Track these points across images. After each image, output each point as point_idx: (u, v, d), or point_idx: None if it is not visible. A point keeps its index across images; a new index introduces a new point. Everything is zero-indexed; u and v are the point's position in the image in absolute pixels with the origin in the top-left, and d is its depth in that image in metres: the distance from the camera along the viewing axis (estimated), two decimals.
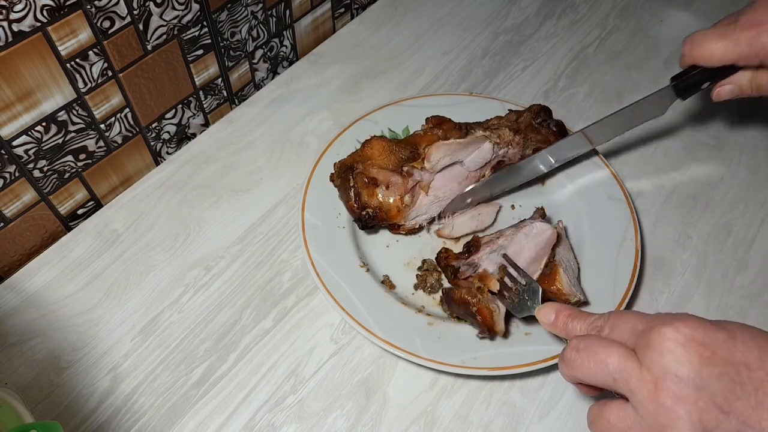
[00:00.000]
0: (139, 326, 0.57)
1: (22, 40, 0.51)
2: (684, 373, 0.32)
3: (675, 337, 0.33)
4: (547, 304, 0.44)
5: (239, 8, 0.69)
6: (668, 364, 0.33)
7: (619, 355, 0.35)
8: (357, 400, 0.52)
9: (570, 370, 0.38)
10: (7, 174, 0.57)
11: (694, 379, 0.32)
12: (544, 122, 0.63)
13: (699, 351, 0.32)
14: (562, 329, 0.42)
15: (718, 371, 0.32)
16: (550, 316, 0.43)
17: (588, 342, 0.37)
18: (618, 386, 0.35)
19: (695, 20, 0.85)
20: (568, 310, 0.42)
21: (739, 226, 0.64)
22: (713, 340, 0.33)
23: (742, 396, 0.31)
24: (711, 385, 0.32)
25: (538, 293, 0.48)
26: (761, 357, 0.32)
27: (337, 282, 0.55)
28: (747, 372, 0.32)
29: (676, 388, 0.32)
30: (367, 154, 0.59)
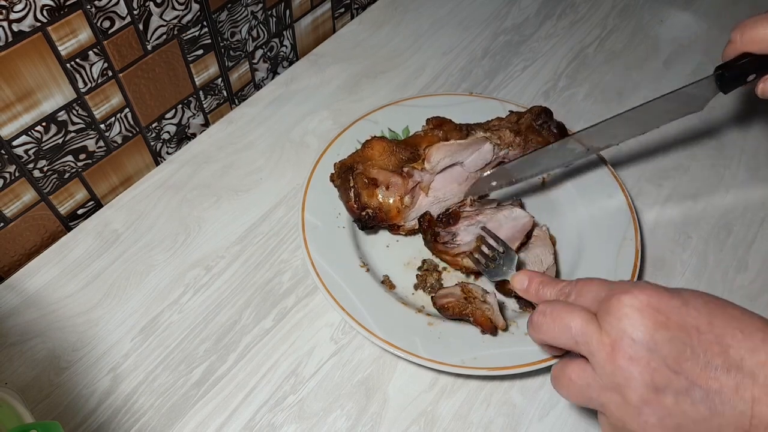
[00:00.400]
0: (139, 326, 0.57)
1: (22, 40, 0.51)
2: (638, 336, 0.35)
3: (632, 303, 0.35)
4: (521, 272, 0.46)
5: (239, 8, 0.69)
6: (625, 328, 0.35)
7: (581, 320, 0.37)
8: (357, 400, 0.52)
9: (537, 333, 0.41)
10: (7, 174, 0.57)
11: (647, 342, 0.34)
12: (544, 124, 0.63)
13: (653, 316, 0.35)
14: (534, 295, 0.45)
15: (670, 335, 0.34)
16: (524, 282, 0.45)
17: (554, 307, 0.40)
18: (580, 348, 0.38)
19: (695, 20, 0.85)
20: (540, 277, 0.44)
21: (739, 226, 0.64)
22: (668, 306, 0.35)
23: (691, 357, 0.34)
24: (663, 348, 0.34)
25: (514, 260, 0.52)
26: (711, 322, 0.34)
27: (337, 282, 0.55)
28: (697, 335, 0.34)
29: (630, 350, 0.35)
30: (367, 155, 0.59)
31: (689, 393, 0.34)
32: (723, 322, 0.35)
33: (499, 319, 0.53)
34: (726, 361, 0.33)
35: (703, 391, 0.33)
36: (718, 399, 0.33)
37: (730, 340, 0.34)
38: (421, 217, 0.58)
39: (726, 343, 0.34)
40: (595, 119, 0.73)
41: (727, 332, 0.34)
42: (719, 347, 0.34)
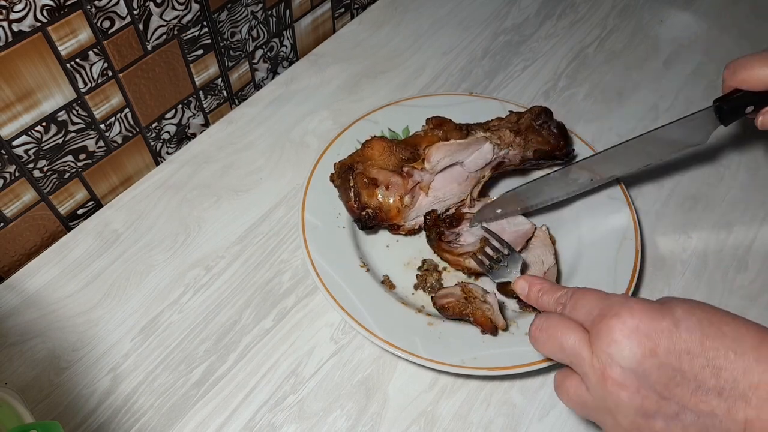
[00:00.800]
0: (139, 326, 0.57)
1: (22, 40, 0.51)
2: (627, 363, 0.35)
3: (621, 329, 0.36)
4: (521, 277, 0.47)
5: (239, 8, 0.69)
6: (614, 354, 0.36)
7: (574, 341, 0.38)
8: (357, 400, 0.52)
9: (535, 345, 0.42)
10: (7, 174, 0.57)
11: (635, 370, 0.35)
12: (545, 124, 0.63)
13: (642, 343, 0.35)
14: (534, 302, 0.45)
15: (659, 362, 0.34)
16: (524, 288, 0.46)
17: (549, 322, 0.40)
18: (574, 367, 0.39)
19: (695, 20, 0.85)
20: (540, 284, 0.45)
21: (739, 226, 0.64)
22: (657, 330, 0.35)
23: (681, 382, 0.34)
24: (652, 375, 0.35)
25: (518, 262, 0.52)
26: (702, 343, 0.34)
27: (337, 282, 0.55)
28: (688, 359, 0.34)
29: (620, 378, 0.35)
30: (367, 155, 0.59)
31: (680, 417, 0.34)
32: (715, 342, 0.34)
33: (500, 319, 0.53)
34: (717, 384, 0.33)
35: (693, 414, 0.34)
36: (710, 422, 0.33)
37: (722, 362, 0.34)
38: (427, 215, 0.58)
39: (718, 366, 0.34)
40: (595, 119, 0.73)
41: (719, 354, 0.34)
42: (711, 370, 0.34)
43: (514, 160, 0.62)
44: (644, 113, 0.74)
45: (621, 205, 0.61)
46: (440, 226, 0.57)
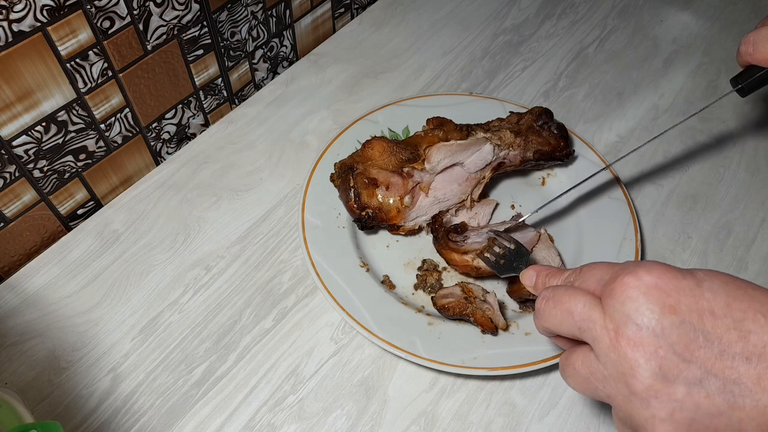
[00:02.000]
0: (139, 326, 0.57)
1: (22, 40, 0.51)
2: (643, 321, 0.32)
3: (637, 285, 0.32)
4: (529, 268, 0.44)
5: (239, 8, 0.69)
6: (628, 312, 0.32)
7: (584, 304, 0.35)
8: (357, 400, 0.52)
9: (540, 320, 0.38)
10: (7, 174, 0.57)
11: (653, 328, 0.31)
12: (545, 124, 0.63)
13: (661, 299, 0.32)
14: (541, 288, 0.42)
15: (680, 319, 0.31)
16: (532, 278, 0.43)
17: (555, 291, 0.37)
18: (583, 335, 0.35)
19: (695, 20, 0.85)
20: (546, 270, 0.42)
21: (739, 226, 0.64)
22: (677, 287, 0.32)
23: (704, 345, 0.31)
24: (672, 334, 0.31)
25: (525, 257, 0.50)
26: (729, 304, 0.31)
27: (337, 282, 0.55)
28: (711, 320, 0.31)
29: (635, 336, 0.32)
30: (368, 155, 0.59)
31: (703, 384, 0.30)
32: (743, 304, 0.31)
33: (500, 318, 0.53)
34: (746, 349, 0.30)
35: (719, 381, 0.30)
36: (737, 390, 0.30)
37: (750, 325, 0.30)
38: (433, 218, 0.58)
39: (746, 329, 0.30)
40: (595, 119, 0.73)
41: (747, 316, 0.31)
42: (738, 333, 0.30)
43: (515, 160, 0.62)
44: (644, 113, 0.74)
45: (621, 205, 0.61)
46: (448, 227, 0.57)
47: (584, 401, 0.52)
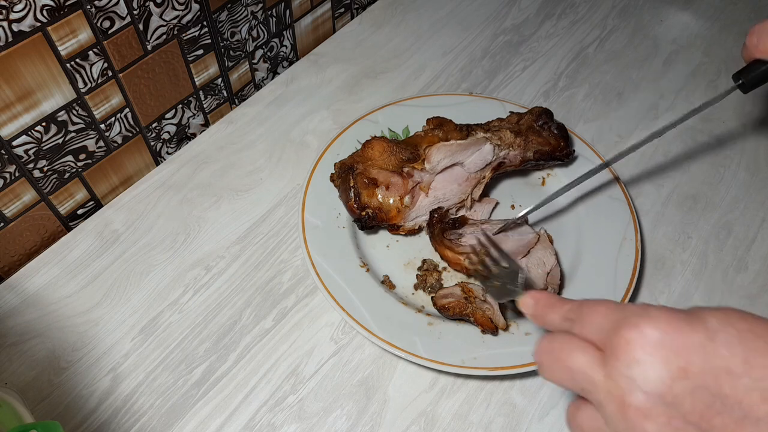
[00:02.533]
0: (139, 326, 0.57)
1: (22, 40, 0.51)
2: (652, 388, 0.28)
3: (642, 345, 0.29)
4: (527, 294, 0.39)
5: (239, 8, 0.69)
6: (635, 377, 0.28)
7: (584, 362, 0.31)
8: (357, 400, 0.52)
9: (542, 372, 0.35)
10: (7, 174, 0.57)
11: (664, 396, 0.28)
12: (545, 125, 0.63)
13: (670, 360, 0.28)
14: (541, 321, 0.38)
15: (692, 385, 0.27)
16: (530, 306, 0.38)
17: (553, 343, 0.33)
18: (588, 396, 0.32)
19: (695, 20, 0.85)
20: (545, 299, 0.37)
21: (739, 226, 0.64)
22: (687, 345, 0.28)
23: (722, 410, 0.27)
24: (684, 402, 0.27)
25: (517, 277, 0.45)
26: (747, 360, 0.27)
27: (337, 282, 0.55)
28: (729, 381, 0.27)
29: (644, 406, 0.28)
30: (368, 155, 0.59)
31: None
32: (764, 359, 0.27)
33: (500, 318, 0.53)
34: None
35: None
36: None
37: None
38: (434, 212, 0.58)
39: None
40: (595, 119, 0.73)
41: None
42: (760, 394, 0.27)
43: (515, 160, 0.62)
44: (644, 113, 0.74)
45: (621, 206, 0.61)
46: (445, 223, 0.57)
47: None
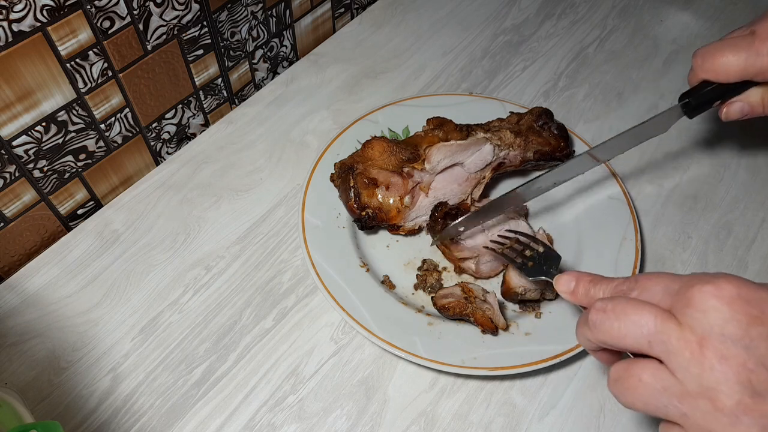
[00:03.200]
0: (139, 326, 0.57)
1: (22, 40, 0.51)
2: (731, 331, 0.30)
3: (719, 295, 0.31)
4: (566, 273, 0.41)
5: (239, 8, 0.69)
6: (714, 322, 0.30)
7: (655, 316, 0.32)
8: (357, 400, 0.52)
9: (595, 333, 0.35)
10: (7, 174, 0.57)
11: (742, 339, 0.30)
12: (545, 125, 0.63)
13: (745, 309, 0.30)
14: (583, 296, 0.39)
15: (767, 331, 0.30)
16: (570, 284, 0.40)
17: (617, 303, 0.34)
18: (653, 349, 0.32)
19: (695, 20, 0.85)
20: (590, 276, 0.39)
21: (739, 226, 0.64)
22: (759, 298, 0.31)
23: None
24: (760, 345, 0.30)
25: (557, 260, 0.47)
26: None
27: (337, 282, 0.55)
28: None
29: (723, 348, 0.30)
30: (368, 155, 0.59)
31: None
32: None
33: (500, 318, 0.53)
34: None
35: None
36: None
37: None
38: (435, 207, 0.58)
39: None
40: (595, 119, 0.73)
41: None
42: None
43: (515, 161, 0.62)
44: (644, 113, 0.74)
45: (621, 205, 0.61)
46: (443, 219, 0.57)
47: (584, 401, 0.52)
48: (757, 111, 0.49)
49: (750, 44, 0.45)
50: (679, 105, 0.51)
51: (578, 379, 0.53)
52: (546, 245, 0.49)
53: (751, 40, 0.46)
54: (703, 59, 0.48)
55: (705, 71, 0.48)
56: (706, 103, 0.50)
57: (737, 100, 0.49)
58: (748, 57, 0.46)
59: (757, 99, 0.48)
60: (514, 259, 0.50)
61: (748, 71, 0.46)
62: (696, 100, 0.50)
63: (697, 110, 0.51)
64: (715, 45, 0.47)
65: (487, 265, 0.57)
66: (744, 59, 0.46)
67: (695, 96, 0.50)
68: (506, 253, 0.51)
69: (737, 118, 0.50)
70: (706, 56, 0.47)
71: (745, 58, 0.46)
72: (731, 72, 0.46)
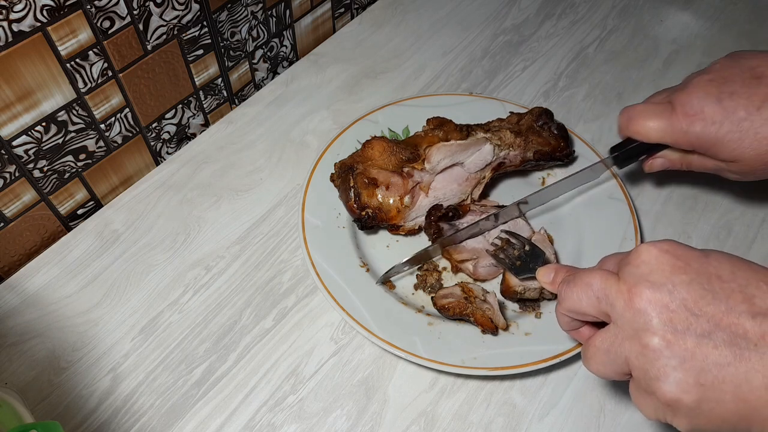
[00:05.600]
0: (139, 326, 0.57)
1: (22, 40, 0.51)
2: (656, 278, 0.34)
3: (650, 250, 0.36)
4: (546, 265, 0.45)
5: (239, 8, 0.69)
6: (642, 272, 0.35)
7: (600, 275, 0.37)
8: (357, 400, 0.52)
9: (562, 303, 0.40)
10: (7, 174, 0.57)
11: (665, 284, 0.34)
12: (545, 125, 0.63)
13: (672, 261, 0.35)
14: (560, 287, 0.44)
15: (689, 278, 0.34)
16: (550, 274, 0.45)
17: (576, 274, 0.40)
18: (601, 305, 0.37)
19: (695, 20, 0.85)
20: (567, 268, 0.44)
21: (739, 226, 0.64)
22: (687, 254, 0.35)
23: (712, 302, 0.33)
24: (682, 290, 0.34)
25: (540, 258, 0.52)
26: (733, 272, 0.34)
27: (337, 282, 0.55)
28: (719, 283, 0.34)
29: (648, 293, 0.34)
30: (368, 155, 0.59)
31: (711, 336, 0.33)
32: (747, 273, 0.34)
33: (500, 318, 0.53)
34: (751, 309, 0.32)
35: (726, 334, 0.32)
36: (744, 344, 0.32)
37: (754, 291, 0.33)
38: (431, 212, 0.58)
39: (750, 293, 0.33)
40: (595, 119, 0.73)
41: (750, 283, 0.33)
42: (743, 295, 0.33)
43: (515, 160, 0.62)
44: None
45: (621, 205, 0.61)
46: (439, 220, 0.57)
47: (584, 401, 0.52)
48: (676, 166, 0.55)
49: (668, 115, 0.51)
50: (611, 156, 0.57)
51: (578, 379, 0.54)
52: (532, 244, 0.54)
53: (670, 112, 0.51)
54: (628, 121, 0.54)
55: (630, 132, 0.54)
56: (632, 156, 0.56)
57: (659, 156, 0.55)
58: (664, 127, 0.51)
59: (676, 157, 0.55)
60: (504, 260, 0.54)
61: (665, 138, 0.52)
62: (623, 155, 0.56)
63: (626, 162, 0.57)
64: (639, 108, 0.53)
65: (486, 269, 0.57)
66: (661, 128, 0.51)
67: (623, 151, 0.56)
68: (498, 255, 0.55)
69: (659, 170, 0.56)
70: (631, 118, 0.53)
71: (662, 127, 0.51)
72: (652, 136, 0.52)
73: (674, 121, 0.50)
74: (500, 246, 0.55)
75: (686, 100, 0.50)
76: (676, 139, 0.51)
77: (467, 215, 0.59)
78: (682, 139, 0.51)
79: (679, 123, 0.50)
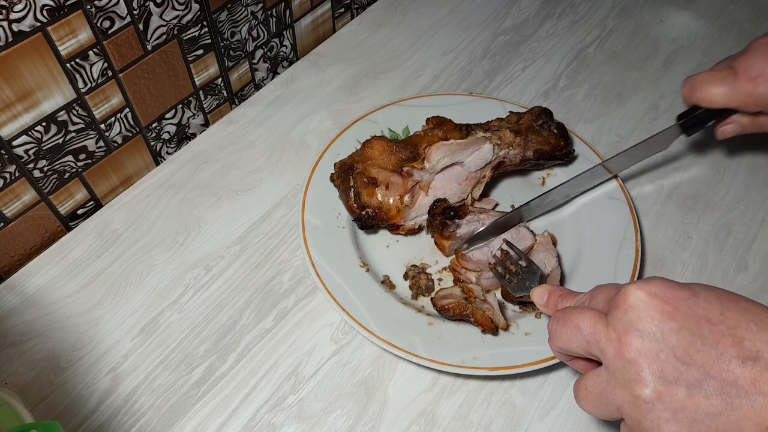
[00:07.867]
0: (139, 326, 0.57)
1: (22, 40, 0.51)
2: (645, 327, 0.34)
3: (638, 295, 0.35)
4: (540, 286, 0.45)
5: (239, 8, 0.69)
6: (630, 320, 0.34)
7: (590, 319, 0.37)
8: (357, 400, 0.52)
9: (552, 340, 0.39)
10: (7, 174, 0.57)
11: (654, 333, 0.34)
12: (545, 124, 0.63)
13: (660, 306, 0.34)
14: (553, 308, 0.44)
15: (678, 325, 0.33)
16: (543, 296, 0.44)
17: (564, 311, 0.39)
18: (591, 349, 0.37)
19: (695, 20, 0.85)
20: (559, 291, 0.44)
21: (739, 226, 0.64)
22: (675, 297, 0.34)
23: (702, 349, 0.33)
24: (671, 339, 0.33)
25: (537, 275, 0.51)
26: (723, 313, 0.33)
27: (337, 282, 0.55)
28: (708, 326, 0.33)
29: (638, 342, 0.34)
30: (367, 154, 0.59)
31: (702, 385, 0.32)
32: (736, 314, 0.33)
33: (500, 318, 0.53)
34: (741, 353, 0.32)
35: (716, 382, 0.32)
36: (734, 392, 0.32)
37: (744, 332, 0.32)
38: (436, 203, 0.58)
39: (740, 335, 0.32)
40: (595, 119, 0.73)
41: (740, 324, 0.33)
42: (733, 339, 0.32)
43: (514, 160, 0.62)
44: (644, 113, 0.74)
45: (621, 205, 0.61)
46: (441, 217, 0.57)
47: None
48: (748, 129, 0.56)
49: (732, 80, 0.52)
50: (677, 124, 0.57)
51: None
52: (529, 259, 0.53)
53: (734, 77, 0.52)
54: (692, 89, 0.54)
55: (695, 99, 0.54)
56: (700, 123, 0.57)
57: (731, 121, 0.56)
58: (729, 92, 0.52)
59: (747, 120, 0.55)
60: (503, 276, 0.54)
61: (730, 103, 0.53)
62: (690, 122, 0.57)
63: (693, 129, 0.58)
64: (702, 76, 0.54)
65: (488, 280, 0.56)
66: (726, 93, 0.52)
67: (690, 118, 0.56)
68: (497, 268, 0.54)
69: (732, 135, 0.57)
70: (694, 86, 0.54)
71: (726, 92, 0.52)
72: (718, 101, 0.53)
73: (738, 85, 0.51)
74: (500, 258, 0.55)
75: (748, 63, 0.51)
76: (742, 101, 0.52)
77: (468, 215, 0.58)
78: (748, 101, 0.51)
79: (743, 86, 0.51)
